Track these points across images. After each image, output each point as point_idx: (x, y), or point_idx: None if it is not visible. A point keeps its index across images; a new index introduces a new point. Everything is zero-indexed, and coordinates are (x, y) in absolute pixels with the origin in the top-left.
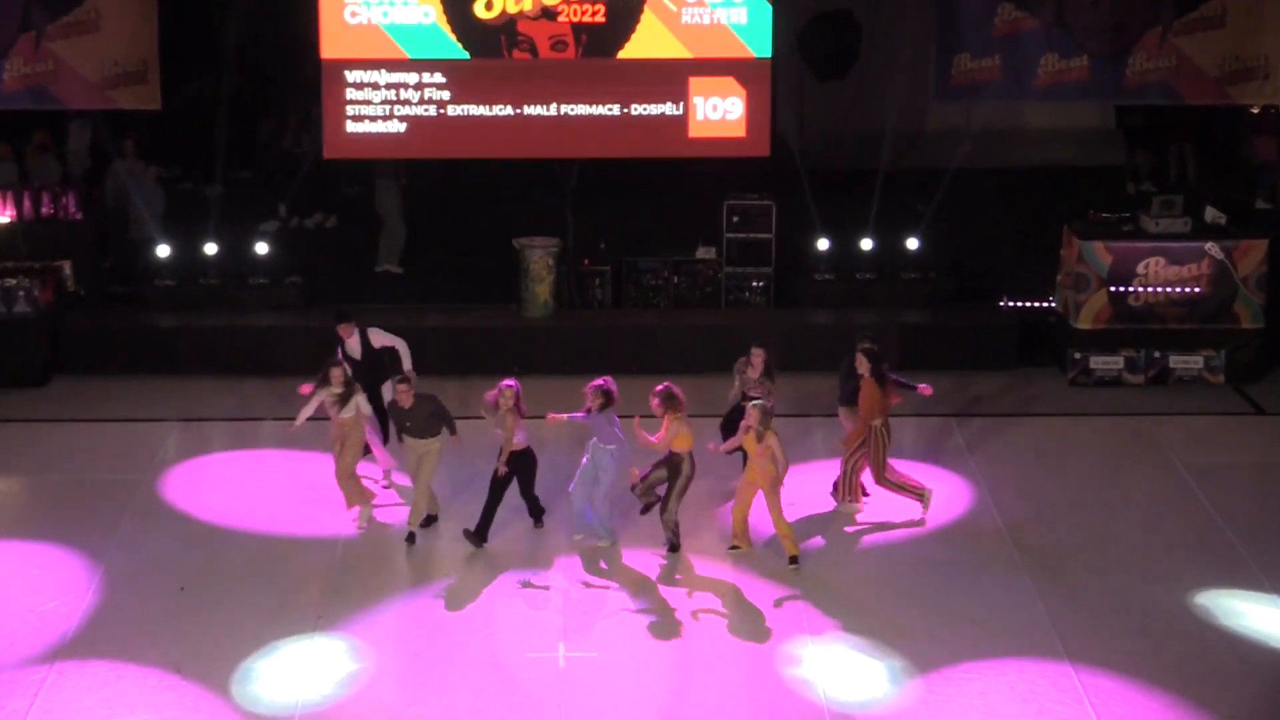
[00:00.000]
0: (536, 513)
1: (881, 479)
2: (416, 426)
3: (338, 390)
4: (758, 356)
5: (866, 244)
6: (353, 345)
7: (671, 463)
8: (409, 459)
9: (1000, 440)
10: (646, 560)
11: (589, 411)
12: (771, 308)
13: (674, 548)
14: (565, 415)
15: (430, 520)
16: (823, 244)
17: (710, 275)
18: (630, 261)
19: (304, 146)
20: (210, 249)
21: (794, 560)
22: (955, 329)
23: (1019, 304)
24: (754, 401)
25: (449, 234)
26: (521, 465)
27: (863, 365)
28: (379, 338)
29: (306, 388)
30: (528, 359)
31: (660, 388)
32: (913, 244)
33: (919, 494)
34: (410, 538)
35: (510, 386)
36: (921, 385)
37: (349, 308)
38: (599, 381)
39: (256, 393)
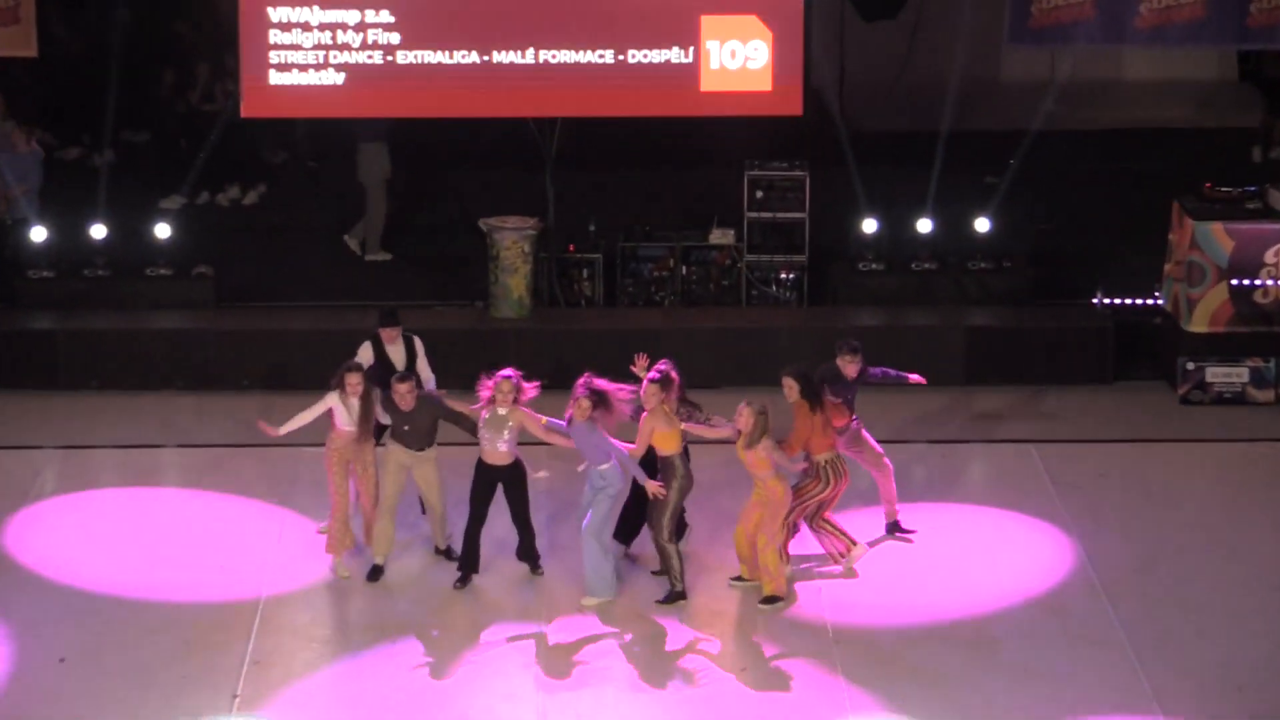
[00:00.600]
0: (530, 555)
1: (815, 520)
2: (415, 434)
3: (354, 400)
4: (790, 389)
5: (924, 226)
6: (395, 353)
7: (661, 470)
8: (389, 472)
9: (1092, 472)
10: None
11: (569, 421)
12: (804, 306)
13: (676, 594)
14: (542, 421)
15: (376, 571)
16: (869, 226)
17: (728, 265)
18: (627, 248)
19: (216, 103)
20: (98, 232)
21: (768, 601)
22: (1036, 333)
23: (1116, 302)
24: (750, 401)
25: (397, 214)
26: (510, 482)
27: (790, 391)
28: (419, 352)
29: (268, 428)
30: (496, 369)
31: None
32: (982, 226)
33: (847, 548)
34: (449, 552)
35: (508, 377)
36: (912, 375)
37: (394, 308)
38: (582, 382)
39: (155, 413)
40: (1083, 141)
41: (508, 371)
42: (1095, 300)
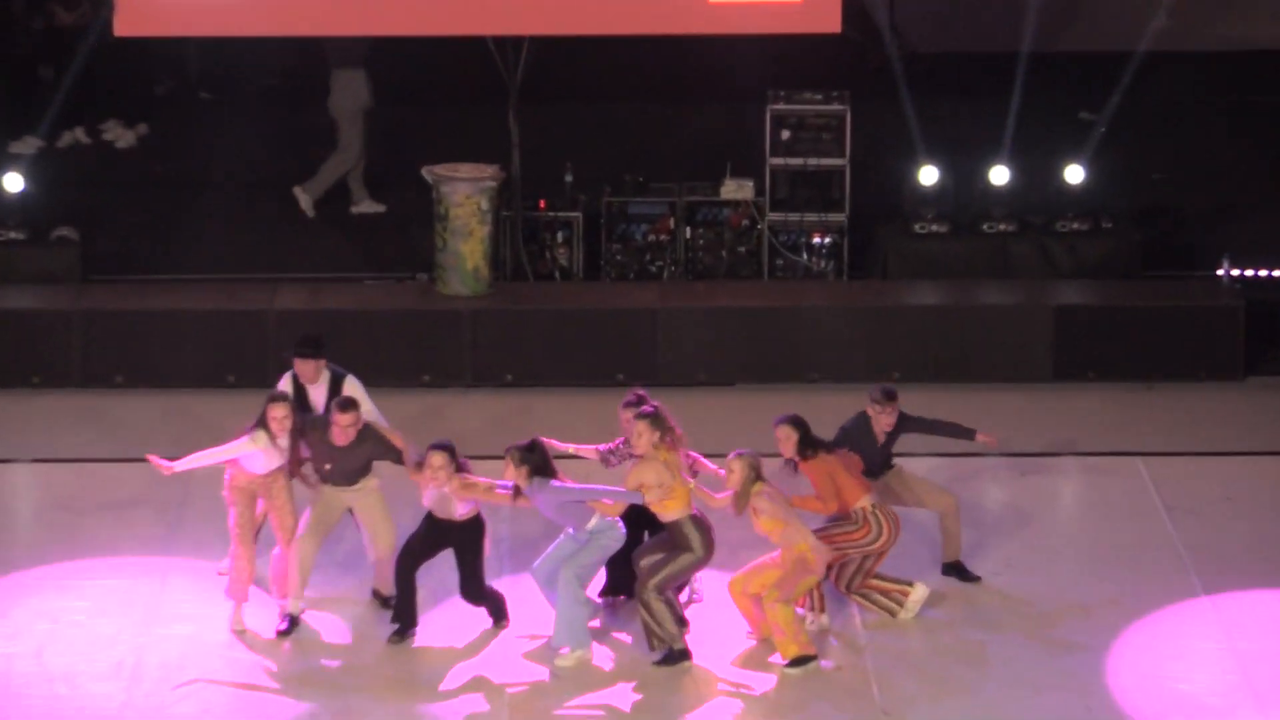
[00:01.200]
0: (494, 608)
1: (856, 582)
2: (344, 471)
3: (282, 439)
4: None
5: (999, 176)
6: (316, 395)
7: (672, 535)
8: (320, 513)
9: (1215, 493)
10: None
11: (515, 490)
12: (844, 280)
13: (676, 654)
14: (480, 487)
15: (292, 621)
16: (929, 176)
17: (745, 227)
18: (614, 205)
19: (83, 19)
20: None
21: (796, 664)
22: (1143, 315)
23: (1248, 274)
24: (739, 453)
25: (317, 162)
26: (464, 544)
27: (786, 446)
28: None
29: (160, 461)
30: (445, 362)
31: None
32: (1075, 175)
33: (904, 594)
34: (387, 602)
35: (441, 449)
36: (981, 434)
37: (318, 335)
38: (520, 444)
39: (4, 419)
40: (1204, 67)
41: (438, 443)
42: (1221, 272)
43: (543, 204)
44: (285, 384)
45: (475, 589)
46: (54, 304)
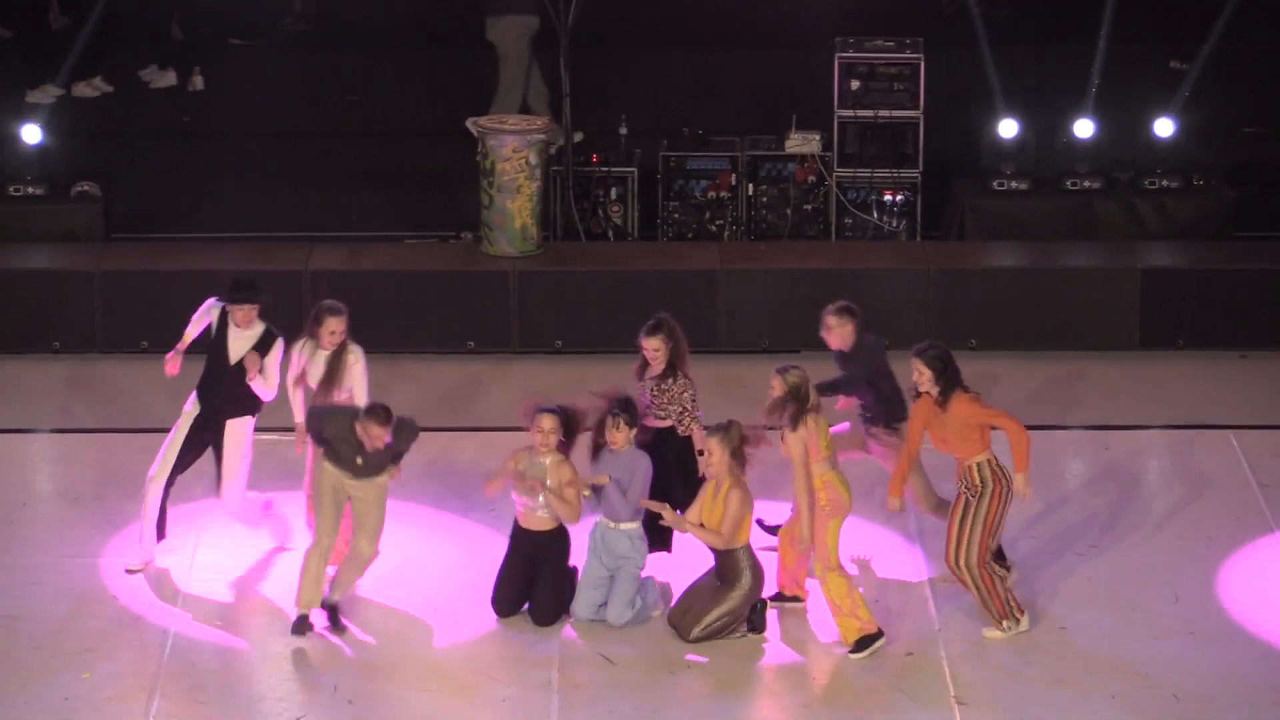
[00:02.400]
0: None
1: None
2: (368, 465)
3: (324, 352)
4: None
5: (1085, 129)
6: (238, 343)
7: (724, 565)
8: (324, 499)
9: None
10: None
11: (595, 450)
12: (918, 240)
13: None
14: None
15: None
16: (1009, 129)
17: (811, 184)
18: (672, 160)
19: None
20: None
21: (861, 646)
22: (1238, 278)
23: None
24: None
25: (351, 112)
26: (548, 558)
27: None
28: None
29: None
30: (491, 327)
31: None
32: (1165, 128)
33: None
34: (305, 625)
35: (551, 412)
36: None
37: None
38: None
39: (22, 385)
40: None
41: (550, 405)
42: None
43: (595, 158)
44: (208, 314)
45: (553, 600)
46: (75, 264)
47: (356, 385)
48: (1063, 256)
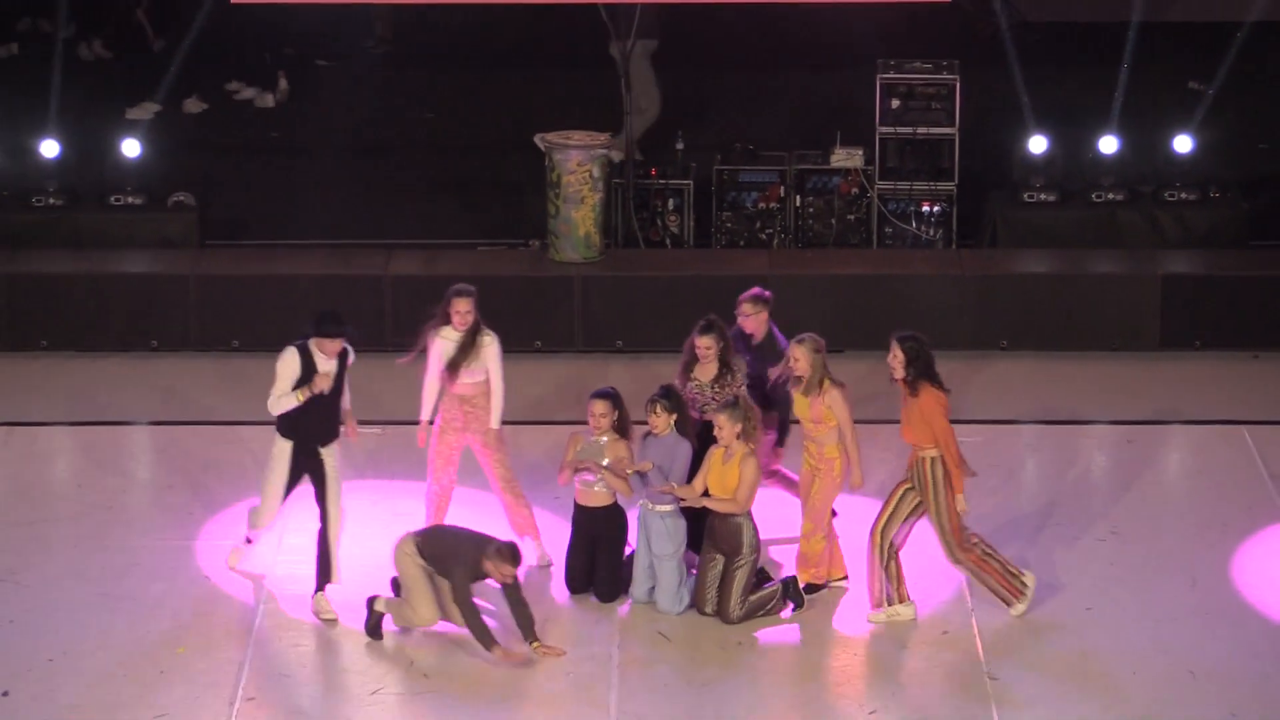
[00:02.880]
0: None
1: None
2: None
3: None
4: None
5: (1108, 145)
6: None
7: (725, 535)
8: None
9: None
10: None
11: (644, 437)
12: (954, 248)
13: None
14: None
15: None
16: (1038, 145)
17: (854, 195)
18: (725, 173)
19: None
20: (49, 150)
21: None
22: (1252, 284)
23: None
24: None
25: (427, 127)
26: (608, 525)
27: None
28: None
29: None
30: (557, 327)
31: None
32: (1184, 145)
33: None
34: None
35: (604, 397)
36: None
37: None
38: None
39: (122, 381)
40: None
41: (603, 389)
42: None
43: (654, 172)
44: (289, 362)
45: (609, 588)
46: (172, 269)
47: (492, 368)
48: (1088, 264)
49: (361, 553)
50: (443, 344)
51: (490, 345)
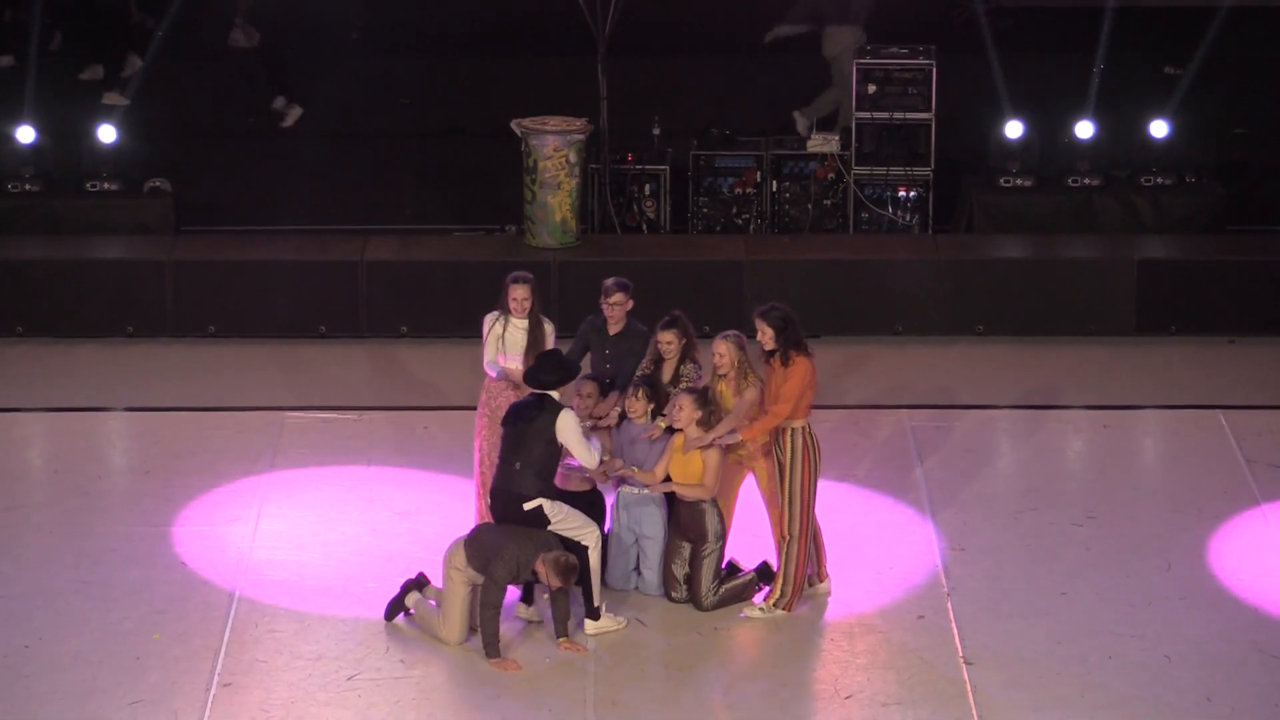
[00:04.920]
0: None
1: None
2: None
3: (519, 320)
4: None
5: (1084, 130)
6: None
7: (690, 521)
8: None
9: None
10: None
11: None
12: (929, 233)
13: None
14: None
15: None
16: (1014, 129)
17: (830, 181)
18: (701, 158)
19: None
20: (25, 136)
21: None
22: (1227, 268)
23: None
24: (726, 335)
25: (403, 113)
26: (591, 513)
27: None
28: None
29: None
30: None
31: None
32: (1160, 130)
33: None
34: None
35: (592, 379)
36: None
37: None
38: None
39: (98, 367)
40: None
41: (590, 374)
42: None
43: (630, 157)
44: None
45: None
46: (147, 254)
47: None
48: (1064, 249)
49: (339, 539)
50: (509, 331)
51: (551, 332)
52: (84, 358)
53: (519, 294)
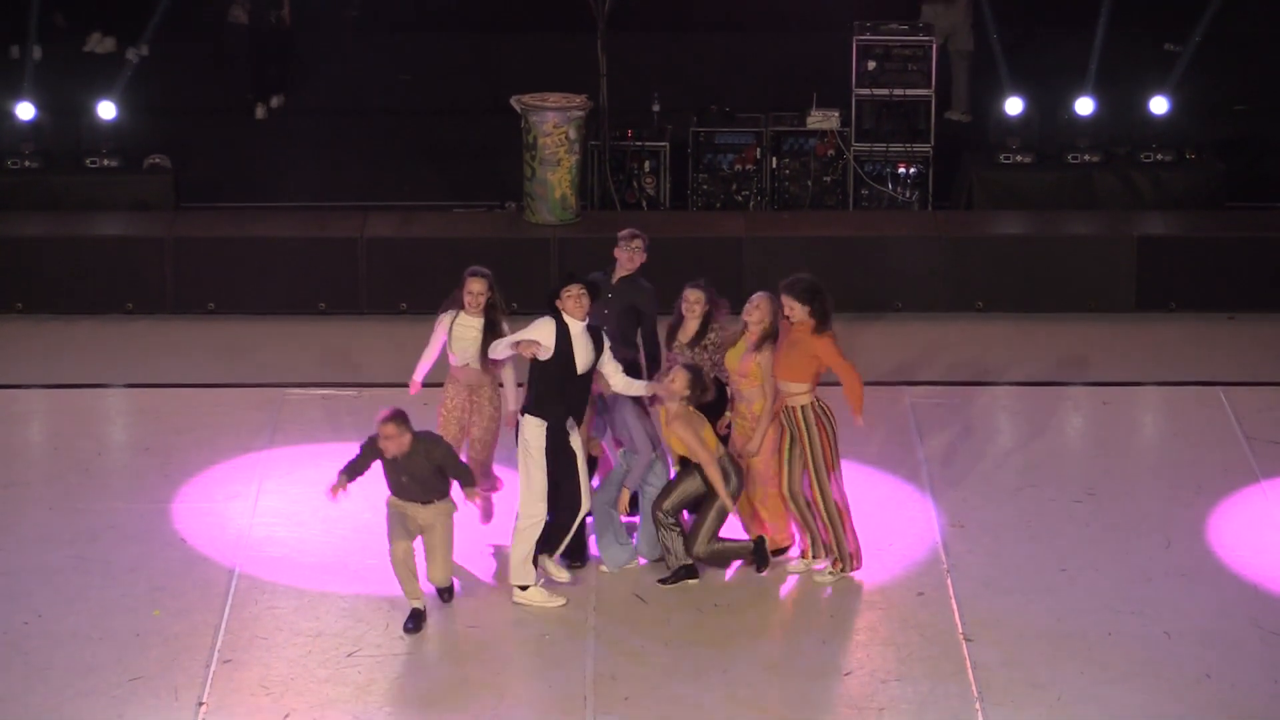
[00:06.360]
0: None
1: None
2: (415, 486)
3: (475, 317)
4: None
5: (1084, 106)
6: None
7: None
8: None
9: None
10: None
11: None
12: (929, 210)
13: (671, 578)
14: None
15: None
16: (1013, 106)
17: (830, 157)
18: (701, 135)
19: None
20: (24, 112)
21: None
22: (1227, 245)
23: None
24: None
25: (403, 90)
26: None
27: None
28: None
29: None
30: (533, 289)
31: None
32: (1159, 107)
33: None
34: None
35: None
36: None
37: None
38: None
39: (98, 344)
40: None
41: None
42: None
43: (630, 134)
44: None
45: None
46: (147, 231)
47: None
48: (1064, 225)
49: (338, 515)
50: (458, 328)
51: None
52: (83, 334)
53: (475, 287)
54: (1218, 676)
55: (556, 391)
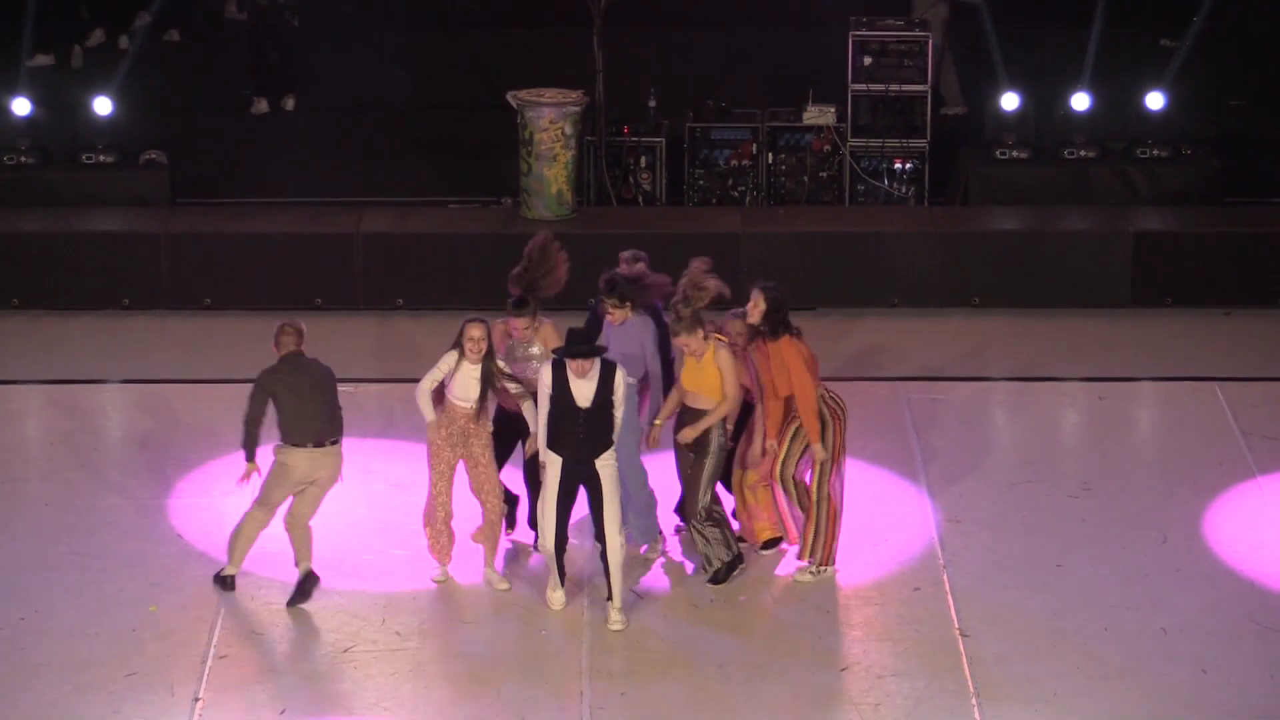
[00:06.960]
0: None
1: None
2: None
3: (474, 364)
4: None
5: (1080, 102)
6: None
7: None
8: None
9: None
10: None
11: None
12: (926, 205)
13: (718, 576)
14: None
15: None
16: (1010, 102)
17: (827, 153)
18: (697, 130)
19: None
20: (20, 108)
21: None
22: (1223, 240)
23: None
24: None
25: (399, 85)
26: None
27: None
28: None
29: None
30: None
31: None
32: (1155, 102)
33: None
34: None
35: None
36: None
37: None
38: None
39: (94, 340)
40: None
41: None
42: None
43: (626, 130)
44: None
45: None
46: (143, 227)
47: None
48: (1060, 220)
49: (335, 511)
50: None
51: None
52: (79, 330)
53: (475, 333)
54: (1214, 672)
55: (557, 429)
